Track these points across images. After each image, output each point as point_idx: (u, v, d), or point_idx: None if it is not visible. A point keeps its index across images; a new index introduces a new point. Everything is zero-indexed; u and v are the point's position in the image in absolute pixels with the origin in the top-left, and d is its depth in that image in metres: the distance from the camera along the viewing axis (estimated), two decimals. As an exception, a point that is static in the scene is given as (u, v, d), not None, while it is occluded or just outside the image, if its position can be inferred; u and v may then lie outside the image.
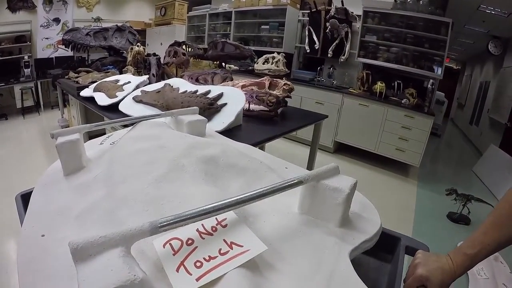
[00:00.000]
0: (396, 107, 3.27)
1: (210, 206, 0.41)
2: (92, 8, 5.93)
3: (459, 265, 0.52)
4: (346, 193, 0.49)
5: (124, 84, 1.93)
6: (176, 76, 2.52)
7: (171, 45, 2.77)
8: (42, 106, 5.22)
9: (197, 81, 2.21)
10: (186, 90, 1.59)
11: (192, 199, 0.50)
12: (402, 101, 3.30)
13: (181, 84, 1.69)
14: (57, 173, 0.69)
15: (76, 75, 2.72)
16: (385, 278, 0.59)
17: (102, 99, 1.83)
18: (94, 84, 2.12)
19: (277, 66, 3.94)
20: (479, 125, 5.54)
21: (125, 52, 3.41)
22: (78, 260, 0.32)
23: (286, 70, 4.07)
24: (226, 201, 0.42)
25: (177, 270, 0.36)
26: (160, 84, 1.75)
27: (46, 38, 5.42)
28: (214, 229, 0.43)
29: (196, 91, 1.56)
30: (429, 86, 3.44)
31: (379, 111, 3.39)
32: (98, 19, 6.00)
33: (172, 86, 1.66)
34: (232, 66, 4.60)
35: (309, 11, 4.08)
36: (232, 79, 2.26)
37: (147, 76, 2.07)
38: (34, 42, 5.32)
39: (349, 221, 0.53)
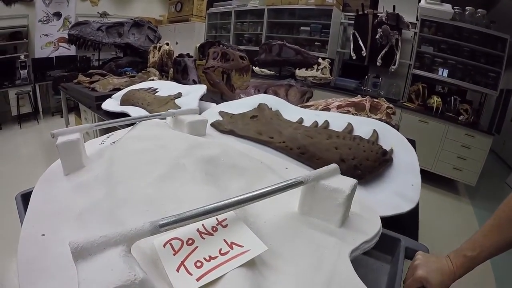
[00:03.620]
0: (456, 125, 3.14)
1: (210, 206, 0.41)
2: (97, 1, 5.37)
3: (459, 266, 0.52)
4: (347, 194, 0.49)
5: (175, 98, 1.41)
6: (226, 85, 2.07)
7: (205, 46, 2.33)
8: (41, 113, 4.57)
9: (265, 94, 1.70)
10: (302, 119, 1.03)
11: (192, 199, 0.50)
12: (459, 118, 3.13)
13: (278, 104, 1.12)
14: (57, 172, 0.69)
15: (88, 79, 2.22)
16: (385, 279, 0.59)
17: None
18: (120, 94, 1.62)
19: (323, 74, 3.67)
20: (500, 133, 5.33)
21: (143, 51, 2.95)
22: (78, 260, 0.32)
23: (332, 78, 3.75)
24: (226, 201, 0.42)
25: (178, 270, 0.36)
26: (247, 103, 1.16)
27: (45, 35, 4.72)
28: (214, 229, 0.43)
29: (327, 123, 0.99)
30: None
31: (438, 128, 3.22)
32: (104, 15, 5.38)
33: (271, 109, 1.10)
34: (264, 70, 3.93)
35: (355, 14, 3.74)
36: (312, 95, 1.74)
37: (204, 85, 1.55)
38: (31, 40, 4.63)
39: (349, 221, 0.53)
